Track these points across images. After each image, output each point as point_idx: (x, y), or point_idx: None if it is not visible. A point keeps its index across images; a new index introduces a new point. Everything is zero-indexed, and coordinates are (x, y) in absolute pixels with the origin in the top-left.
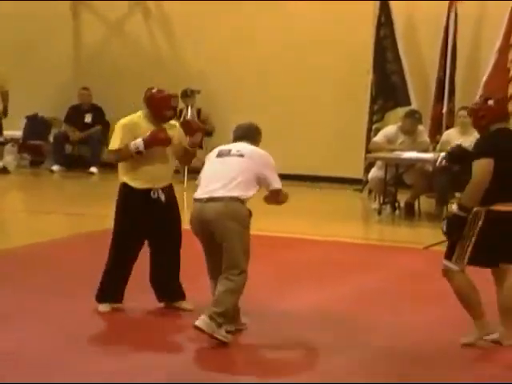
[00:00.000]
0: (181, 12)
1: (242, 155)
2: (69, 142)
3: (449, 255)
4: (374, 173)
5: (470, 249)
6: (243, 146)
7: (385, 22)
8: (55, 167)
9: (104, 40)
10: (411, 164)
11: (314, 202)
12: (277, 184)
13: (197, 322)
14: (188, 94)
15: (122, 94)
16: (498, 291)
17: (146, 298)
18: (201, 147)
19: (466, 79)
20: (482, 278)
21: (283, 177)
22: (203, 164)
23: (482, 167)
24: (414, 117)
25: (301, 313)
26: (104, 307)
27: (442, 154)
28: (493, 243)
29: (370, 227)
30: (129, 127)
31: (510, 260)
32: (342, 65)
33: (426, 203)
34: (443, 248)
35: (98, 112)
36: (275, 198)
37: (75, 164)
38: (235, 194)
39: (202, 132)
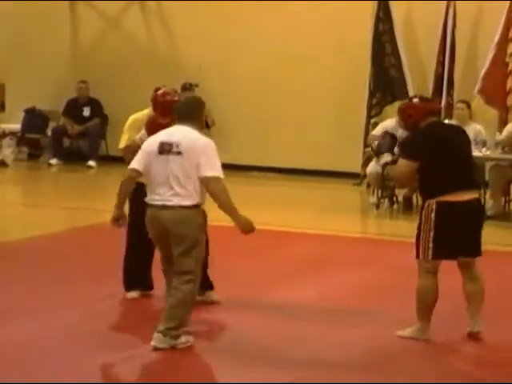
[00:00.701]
0: (178, 6)
1: (180, 152)
2: (67, 135)
3: (417, 253)
4: (373, 167)
5: (430, 244)
6: (182, 137)
7: (383, 17)
8: (53, 161)
9: (101, 34)
10: None
11: (312, 196)
12: (210, 171)
13: (153, 343)
14: (187, 88)
15: (119, 88)
16: (464, 282)
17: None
18: None
19: (464, 73)
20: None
21: (282, 171)
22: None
23: (400, 167)
24: None
25: (298, 306)
26: (133, 294)
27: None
28: (449, 234)
29: (368, 221)
30: (136, 125)
31: (467, 253)
32: (340, 60)
33: None
34: None
35: (96, 105)
36: (213, 191)
37: (73, 157)
38: (187, 202)
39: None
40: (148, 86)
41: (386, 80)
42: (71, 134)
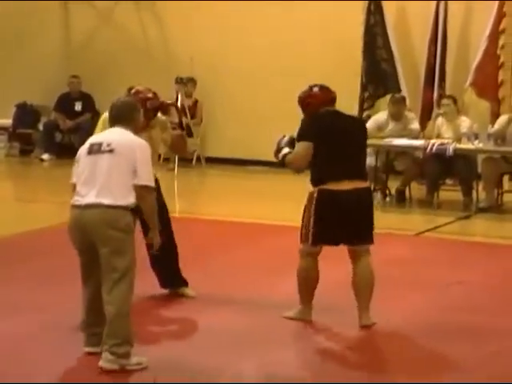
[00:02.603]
0: (170, 1)
1: (111, 150)
2: (59, 130)
3: (300, 237)
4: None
5: (311, 229)
6: (115, 136)
7: (374, 9)
8: (45, 156)
9: (94, 28)
10: (402, 151)
11: (305, 188)
12: (144, 180)
13: (101, 363)
14: (178, 81)
15: (111, 82)
16: (352, 274)
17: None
18: (190, 135)
19: (456, 65)
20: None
21: (273, 164)
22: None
23: (296, 150)
24: (397, 101)
25: (289, 300)
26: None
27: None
28: (329, 222)
29: None
30: (101, 123)
31: (349, 241)
32: (332, 53)
33: (416, 190)
34: (435, 234)
35: (87, 100)
36: (142, 198)
37: (65, 152)
38: (113, 201)
39: (171, 106)
40: (140, 81)
41: (377, 73)
42: (63, 129)
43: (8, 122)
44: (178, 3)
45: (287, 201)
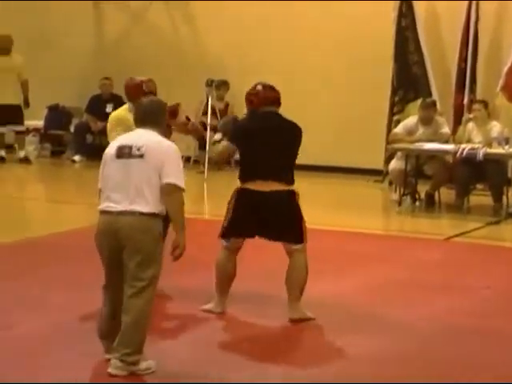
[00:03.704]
0: (202, 2)
1: (142, 155)
2: (90, 131)
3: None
4: (395, 164)
5: (226, 223)
6: (144, 140)
7: (406, 12)
8: (76, 157)
9: (125, 29)
10: (432, 155)
11: (334, 193)
12: (172, 178)
13: (110, 369)
14: (209, 84)
15: None
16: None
17: None
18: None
19: (487, 69)
20: None
21: (304, 168)
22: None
23: (219, 145)
24: (428, 106)
25: (315, 302)
26: None
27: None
28: (241, 218)
29: (390, 218)
30: (116, 122)
31: (265, 235)
32: (363, 56)
33: (446, 194)
34: (464, 239)
35: (119, 102)
36: (169, 198)
37: (96, 154)
38: (147, 208)
39: (180, 108)
40: (172, 82)
41: (408, 77)
42: (94, 131)
43: (40, 123)
44: (211, 3)
45: (315, 204)
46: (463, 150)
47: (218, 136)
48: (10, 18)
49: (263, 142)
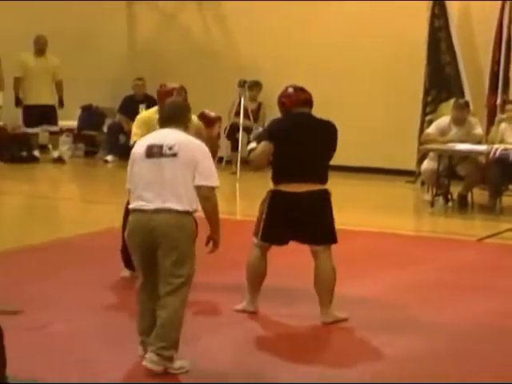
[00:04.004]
0: (235, 2)
1: (175, 154)
2: (123, 132)
3: (254, 230)
4: (427, 164)
5: (262, 226)
6: (174, 139)
7: (439, 12)
8: (109, 157)
9: (158, 31)
10: (464, 156)
11: (366, 193)
12: (208, 180)
13: (145, 362)
14: (241, 85)
15: None
16: (314, 272)
17: None
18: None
19: None
20: None
21: (337, 168)
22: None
23: (257, 148)
24: (461, 106)
25: (348, 302)
26: (125, 273)
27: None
28: (278, 222)
29: (423, 219)
30: (142, 121)
31: (299, 239)
32: (396, 56)
33: (478, 195)
34: (497, 240)
35: (151, 102)
36: (205, 198)
37: (128, 154)
38: (182, 206)
39: (219, 122)
40: (204, 83)
41: (441, 77)
42: (127, 131)
43: (73, 123)
44: (243, 3)
45: (347, 205)
46: (496, 150)
47: (252, 145)
48: (45, 19)
49: (298, 142)
